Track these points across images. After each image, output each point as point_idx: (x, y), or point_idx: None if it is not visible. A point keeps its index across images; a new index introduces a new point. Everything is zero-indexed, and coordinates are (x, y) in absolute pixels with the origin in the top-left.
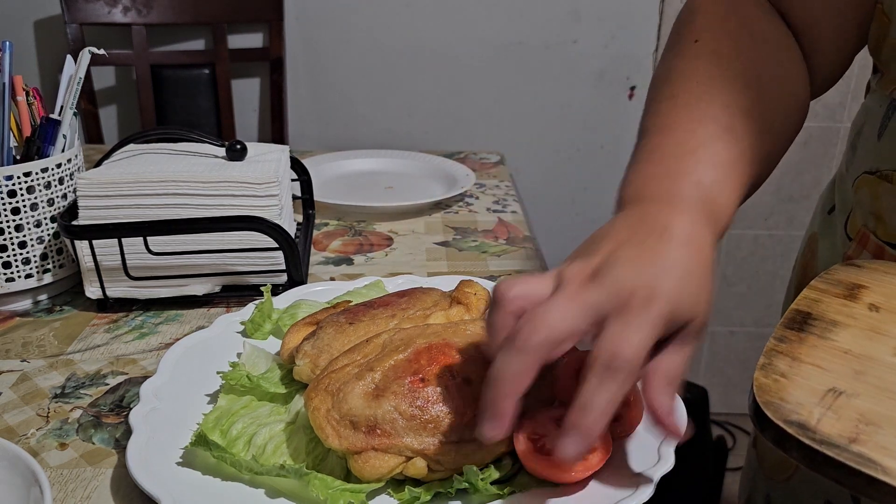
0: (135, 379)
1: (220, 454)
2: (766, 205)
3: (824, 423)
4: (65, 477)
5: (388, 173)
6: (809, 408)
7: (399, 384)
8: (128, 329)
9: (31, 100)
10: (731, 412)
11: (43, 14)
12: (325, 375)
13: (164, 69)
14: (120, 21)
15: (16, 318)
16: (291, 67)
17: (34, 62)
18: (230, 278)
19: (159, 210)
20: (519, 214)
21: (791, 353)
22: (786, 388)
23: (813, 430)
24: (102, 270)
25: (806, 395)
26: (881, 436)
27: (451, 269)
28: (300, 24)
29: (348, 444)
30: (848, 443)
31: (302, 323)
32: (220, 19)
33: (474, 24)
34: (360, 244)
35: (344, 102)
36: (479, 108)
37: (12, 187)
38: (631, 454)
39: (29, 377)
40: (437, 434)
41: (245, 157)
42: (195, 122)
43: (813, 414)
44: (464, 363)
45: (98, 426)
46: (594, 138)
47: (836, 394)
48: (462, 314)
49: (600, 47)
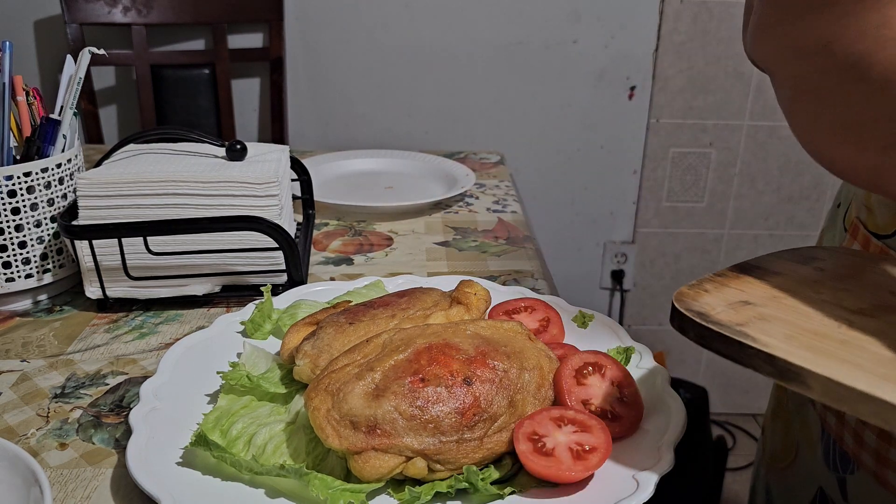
0: (135, 379)
1: (220, 454)
2: (766, 205)
3: (722, 315)
4: (65, 477)
5: (388, 173)
6: (715, 307)
7: (399, 384)
8: (128, 329)
9: (31, 100)
10: (731, 412)
11: (43, 14)
12: (326, 375)
13: (164, 69)
14: (120, 21)
15: (16, 318)
16: (291, 67)
17: (34, 62)
18: (230, 278)
19: (159, 210)
20: (519, 214)
21: (722, 281)
22: (703, 296)
23: (710, 316)
24: (102, 270)
25: (717, 301)
26: (766, 325)
27: (451, 269)
28: (300, 24)
29: (348, 444)
30: (735, 325)
31: (302, 323)
32: (220, 19)
33: (474, 24)
34: (360, 244)
35: (344, 102)
36: (479, 108)
37: (12, 187)
38: (631, 454)
39: (29, 377)
40: (438, 434)
41: (245, 157)
42: (195, 122)
43: (716, 309)
44: (464, 363)
45: (98, 426)
46: (594, 138)
47: (745, 304)
48: (462, 314)
49: (600, 47)
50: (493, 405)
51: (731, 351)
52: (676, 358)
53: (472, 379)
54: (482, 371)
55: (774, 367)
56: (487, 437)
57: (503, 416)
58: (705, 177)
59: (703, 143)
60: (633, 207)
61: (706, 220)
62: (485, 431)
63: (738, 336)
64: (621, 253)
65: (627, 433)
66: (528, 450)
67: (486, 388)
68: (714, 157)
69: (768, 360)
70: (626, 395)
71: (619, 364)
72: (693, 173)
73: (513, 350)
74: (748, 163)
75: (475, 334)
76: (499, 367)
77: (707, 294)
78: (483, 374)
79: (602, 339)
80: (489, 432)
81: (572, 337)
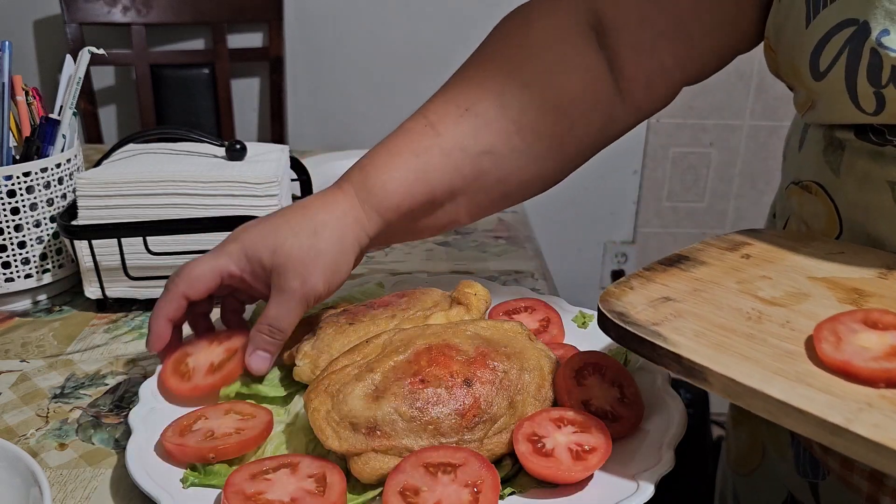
0: (134, 379)
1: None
2: (766, 205)
3: (640, 314)
4: (64, 477)
5: None
6: (636, 306)
7: (399, 385)
8: (127, 329)
9: (31, 99)
10: None
11: (42, 14)
12: (325, 376)
13: (163, 69)
14: (119, 21)
15: (15, 318)
16: (291, 67)
17: (34, 62)
18: None
19: (159, 210)
20: (519, 214)
21: (649, 276)
22: (627, 294)
23: (629, 316)
24: (102, 270)
25: (640, 299)
26: (680, 322)
27: (451, 269)
28: (300, 24)
29: (348, 445)
30: (650, 325)
31: (301, 323)
32: (219, 19)
33: (474, 23)
34: None
35: (343, 102)
36: None
37: (11, 187)
38: (631, 454)
39: (28, 377)
40: (438, 435)
41: (245, 156)
42: (195, 121)
43: (636, 308)
44: (464, 364)
45: (97, 426)
46: None
47: (666, 300)
48: (462, 314)
49: None
50: (494, 406)
51: (645, 350)
52: None
53: (472, 380)
54: (482, 372)
55: (681, 365)
56: (487, 439)
57: (503, 417)
58: (706, 177)
59: (703, 143)
60: (634, 207)
61: (706, 219)
62: (485, 433)
63: (651, 336)
64: (621, 253)
65: (627, 433)
66: (527, 450)
67: (487, 389)
68: (714, 156)
69: (676, 359)
70: (626, 395)
71: (619, 364)
72: (693, 173)
73: (513, 351)
74: (749, 163)
75: (475, 335)
76: (499, 368)
77: (632, 292)
78: (483, 375)
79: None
80: (489, 433)
81: (572, 337)
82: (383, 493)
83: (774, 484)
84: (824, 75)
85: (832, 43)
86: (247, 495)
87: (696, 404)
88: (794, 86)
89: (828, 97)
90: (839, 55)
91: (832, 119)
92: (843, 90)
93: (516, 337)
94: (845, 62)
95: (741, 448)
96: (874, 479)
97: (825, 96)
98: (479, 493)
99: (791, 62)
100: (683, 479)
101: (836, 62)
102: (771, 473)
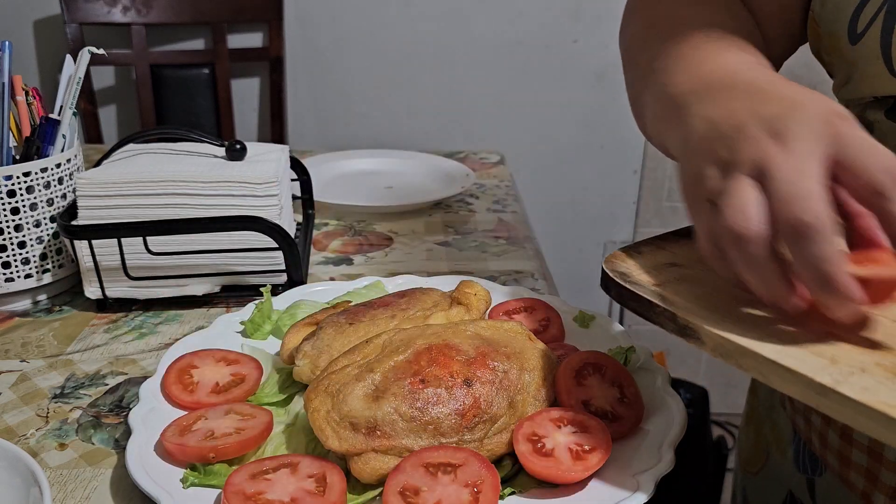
0: (134, 379)
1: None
2: None
3: (642, 276)
4: (64, 477)
5: (388, 173)
6: (641, 269)
7: (399, 386)
8: (127, 329)
9: (31, 99)
10: (731, 412)
11: (42, 14)
12: (325, 376)
13: (163, 69)
14: (119, 21)
15: (15, 318)
16: (291, 67)
17: (34, 62)
18: (230, 278)
19: (159, 210)
20: (519, 214)
21: (660, 244)
22: (634, 258)
23: (631, 277)
24: (102, 270)
25: (646, 263)
26: (682, 286)
27: (451, 269)
28: (300, 24)
29: (348, 445)
30: (650, 286)
31: (302, 323)
32: (219, 19)
33: (474, 23)
34: (359, 244)
35: (344, 102)
36: (479, 108)
37: (11, 187)
38: (631, 454)
39: (28, 377)
40: (438, 435)
41: (245, 156)
42: (195, 121)
43: (640, 271)
44: (464, 364)
45: (97, 426)
46: (594, 138)
47: (671, 265)
48: (462, 314)
49: (600, 47)
50: (494, 406)
51: (642, 309)
52: (676, 358)
53: (472, 380)
54: (482, 372)
55: (676, 324)
56: (487, 439)
57: (503, 418)
58: None
59: None
60: (634, 207)
61: None
62: (485, 433)
63: (649, 295)
64: None
65: (627, 433)
66: (527, 450)
67: (487, 389)
68: None
69: (671, 317)
70: (626, 395)
71: (619, 364)
72: None
73: (513, 351)
74: None
75: (475, 335)
76: (499, 368)
77: (639, 256)
78: (483, 376)
79: (602, 339)
80: (489, 433)
81: (572, 337)
82: (383, 493)
83: (777, 483)
84: (860, 37)
85: (871, 3)
86: (247, 495)
87: (696, 404)
88: (832, 64)
89: (863, 64)
90: (877, 14)
91: (866, 90)
92: (878, 54)
93: (516, 337)
94: (882, 22)
95: (749, 448)
96: (870, 476)
97: (860, 63)
98: (479, 493)
99: (832, 31)
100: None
101: (873, 22)
102: (774, 473)
